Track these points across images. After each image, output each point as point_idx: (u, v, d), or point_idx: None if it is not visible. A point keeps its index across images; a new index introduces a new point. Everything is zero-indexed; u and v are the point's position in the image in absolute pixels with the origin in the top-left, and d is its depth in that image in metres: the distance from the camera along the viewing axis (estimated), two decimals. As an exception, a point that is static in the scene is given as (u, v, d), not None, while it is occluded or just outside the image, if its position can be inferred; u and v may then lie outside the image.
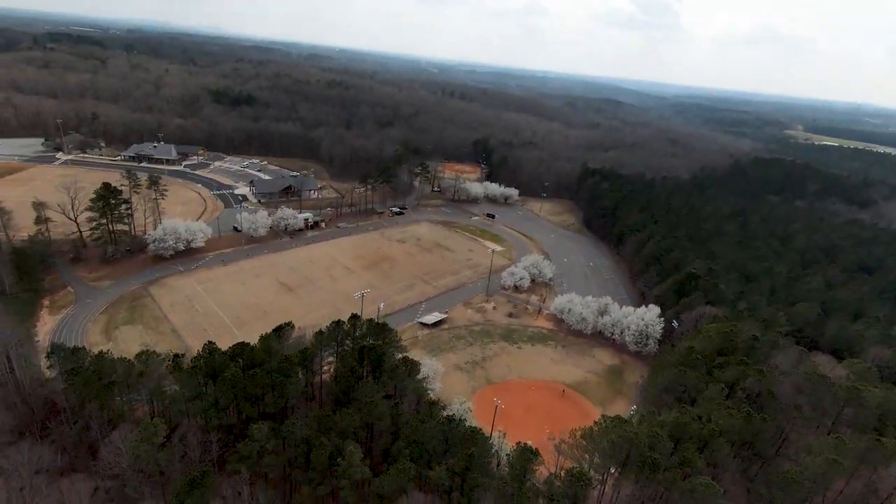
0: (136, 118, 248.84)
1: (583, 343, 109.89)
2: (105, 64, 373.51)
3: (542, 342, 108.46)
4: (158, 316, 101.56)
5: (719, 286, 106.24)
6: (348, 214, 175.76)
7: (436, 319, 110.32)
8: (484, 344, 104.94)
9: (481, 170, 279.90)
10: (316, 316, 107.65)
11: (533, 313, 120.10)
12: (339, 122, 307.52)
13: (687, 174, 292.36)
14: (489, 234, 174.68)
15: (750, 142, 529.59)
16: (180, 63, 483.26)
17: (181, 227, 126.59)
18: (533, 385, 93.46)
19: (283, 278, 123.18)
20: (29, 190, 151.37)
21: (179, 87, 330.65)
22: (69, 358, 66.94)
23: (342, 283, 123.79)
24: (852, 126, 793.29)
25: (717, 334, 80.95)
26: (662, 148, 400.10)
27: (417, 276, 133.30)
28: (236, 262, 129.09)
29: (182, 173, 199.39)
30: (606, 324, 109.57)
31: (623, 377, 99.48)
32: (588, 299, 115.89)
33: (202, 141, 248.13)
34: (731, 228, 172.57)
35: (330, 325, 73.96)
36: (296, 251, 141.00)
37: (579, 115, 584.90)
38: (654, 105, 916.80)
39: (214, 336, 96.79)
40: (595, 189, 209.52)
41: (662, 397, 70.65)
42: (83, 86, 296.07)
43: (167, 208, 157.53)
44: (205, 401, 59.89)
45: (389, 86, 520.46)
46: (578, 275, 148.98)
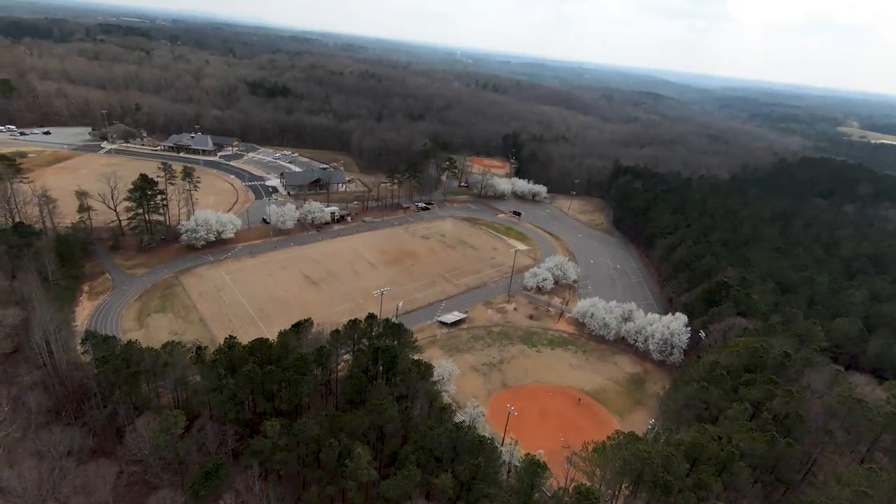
0: (177, 109, 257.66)
1: (604, 349, 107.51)
2: (150, 55, 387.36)
3: (562, 346, 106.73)
4: (188, 305, 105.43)
5: (752, 296, 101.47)
6: (374, 209, 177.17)
7: (455, 319, 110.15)
8: (502, 346, 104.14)
9: (510, 165, 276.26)
10: (336, 311, 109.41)
11: (554, 316, 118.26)
12: (370, 115, 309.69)
13: (727, 173, 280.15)
14: (514, 232, 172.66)
15: (799, 139, 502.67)
16: (220, 54, 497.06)
17: (212, 218, 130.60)
18: (550, 390, 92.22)
19: (307, 271, 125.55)
20: (75, 178, 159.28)
21: (218, 79, 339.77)
22: (100, 346, 70.47)
23: (364, 279, 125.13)
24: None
25: (745, 349, 77.41)
26: (702, 145, 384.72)
27: (439, 274, 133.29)
28: (264, 254, 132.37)
29: (217, 164, 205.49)
30: (630, 330, 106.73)
31: (644, 387, 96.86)
32: (612, 304, 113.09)
33: (237, 132, 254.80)
34: (771, 233, 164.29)
35: (347, 324, 74.88)
36: (321, 244, 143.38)
37: (615, 108, 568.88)
38: (697, 98, 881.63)
39: (239, 327, 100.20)
40: (627, 188, 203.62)
41: (682, 413, 68.22)
42: (129, 77, 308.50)
43: (201, 199, 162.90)
44: (223, 394, 61.83)
45: (422, 77, 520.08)
46: (604, 277, 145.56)
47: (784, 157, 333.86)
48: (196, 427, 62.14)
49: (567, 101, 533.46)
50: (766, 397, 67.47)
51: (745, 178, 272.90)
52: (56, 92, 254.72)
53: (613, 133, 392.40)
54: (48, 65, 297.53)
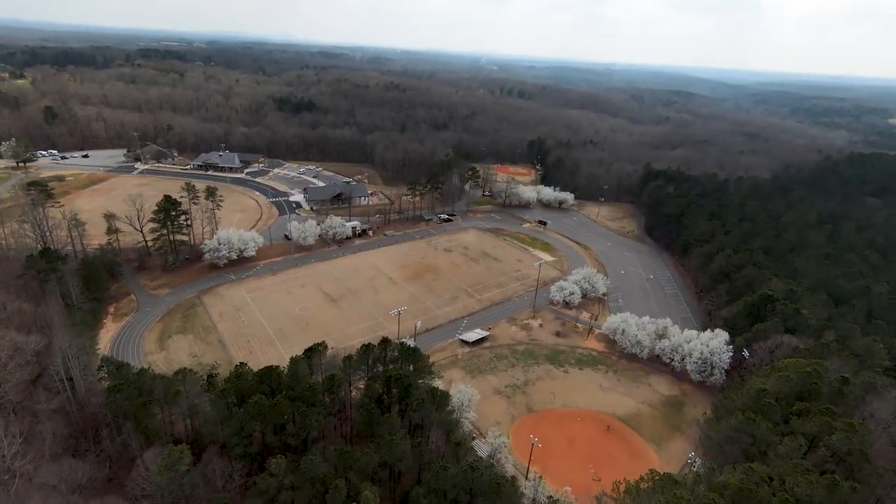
0: (206, 128, 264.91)
1: (637, 369, 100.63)
2: (183, 77, 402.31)
3: (592, 366, 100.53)
4: (208, 326, 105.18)
5: (801, 311, 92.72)
6: (396, 222, 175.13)
7: (477, 337, 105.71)
8: (527, 366, 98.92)
9: (536, 172, 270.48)
10: (355, 330, 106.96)
11: (583, 333, 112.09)
12: (394, 126, 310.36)
13: (767, 174, 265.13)
14: (540, 242, 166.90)
15: (845, 133, 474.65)
16: (251, 72, 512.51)
17: (234, 236, 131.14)
18: (578, 415, 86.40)
19: (327, 289, 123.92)
20: (107, 200, 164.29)
21: (247, 96, 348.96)
22: (114, 373, 69.82)
23: (384, 296, 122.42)
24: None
25: (796, 373, 69.78)
26: (738, 144, 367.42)
27: (461, 289, 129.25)
28: (284, 272, 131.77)
29: (243, 181, 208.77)
30: (665, 348, 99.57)
31: (682, 411, 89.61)
32: (645, 320, 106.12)
33: (264, 148, 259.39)
34: (819, 238, 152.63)
35: (359, 349, 71.82)
36: (342, 260, 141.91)
37: (645, 109, 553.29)
38: (731, 95, 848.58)
39: (257, 349, 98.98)
40: (658, 193, 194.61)
41: (725, 448, 61.51)
42: (163, 98, 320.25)
43: (226, 216, 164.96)
44: (231, 426, 59.62)
45: (447, 86, 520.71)
46: (636, 289, 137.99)
47: (829, 153, 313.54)
48: (205, 460, 60.12)
49: (595, 104, 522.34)
50: (823, 431, 60.03)
51: (787, 179, 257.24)
52: (95, 116, 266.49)
53: (643, 135, 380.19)
54: (89, 90, 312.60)
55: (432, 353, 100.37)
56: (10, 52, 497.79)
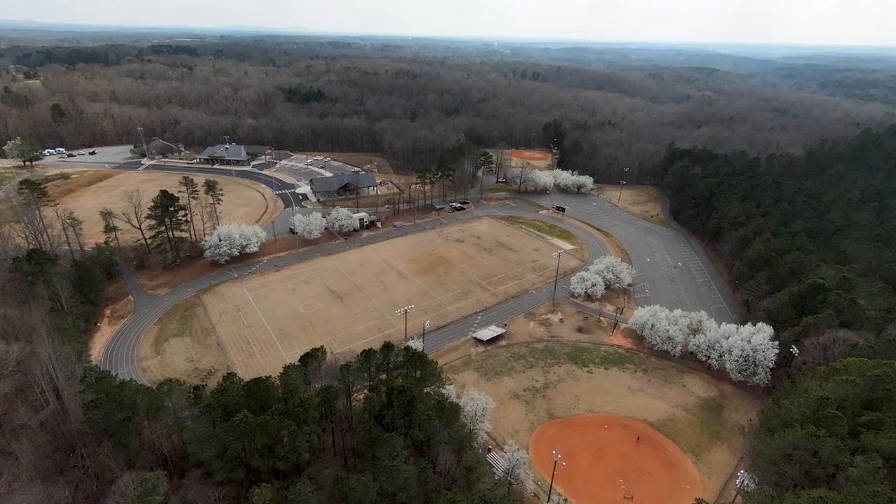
0: (213, 121, 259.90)
1: (669, 368, 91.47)
2: (192, 71, 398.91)
3: (618, 365, 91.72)
4: (207, 327, 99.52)
5: (857, 302, 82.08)
6: (406, 212, 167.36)
7: (492, 335, 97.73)
8: (547, 366, 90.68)
9: (552, 156, 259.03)
10: (361, 329, 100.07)
11: (607, 328, 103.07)
12: (404, 114, 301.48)
13: (801, 150, 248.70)
14: (558, 230, 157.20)
15: (880, 106, 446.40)
16: (260, 64, 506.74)
17: (235, 232, 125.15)
18: (606, 422, 78.07)
19: (332, 285, 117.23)
20: (111, 197, 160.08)
21: (255, 88, 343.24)
22: (93, 386, 64.10)
23: (393, 291, 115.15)
24: None
25: (861, 376, 60.06)
26: (767, 120, 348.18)
27: (475, 282, 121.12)
28: (288, 267, 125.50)
29: (249, 174, 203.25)
30: (700, 344, 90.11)
31: (722, 415, 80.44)
32: (676, 313, 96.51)
33: (272, 140, 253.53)
34: (866, 219, 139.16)
35: (360, 356, 64.59)
36: (349, 254, 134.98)
37: (665, 87, 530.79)
38: (757, 70, 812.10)
39: (257, 351, 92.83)
40: (684, 174, 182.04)
41: (783, 468, 52.61)
42: (171, 93, 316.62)
43: (230, 211, 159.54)
44: (213, 447, 53.16)
45: (458, 71, 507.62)
46: (663, 278, 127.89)
47: (867, 127, 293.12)
48: (186, 485, 53.93)
49: (612, 83, 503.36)
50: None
51: (823, 155, 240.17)
52: (103, 113, 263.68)
53: (664, 114, 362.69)
54: (97, 87, 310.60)
55: (444, 354, 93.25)
56: (26, 53, 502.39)
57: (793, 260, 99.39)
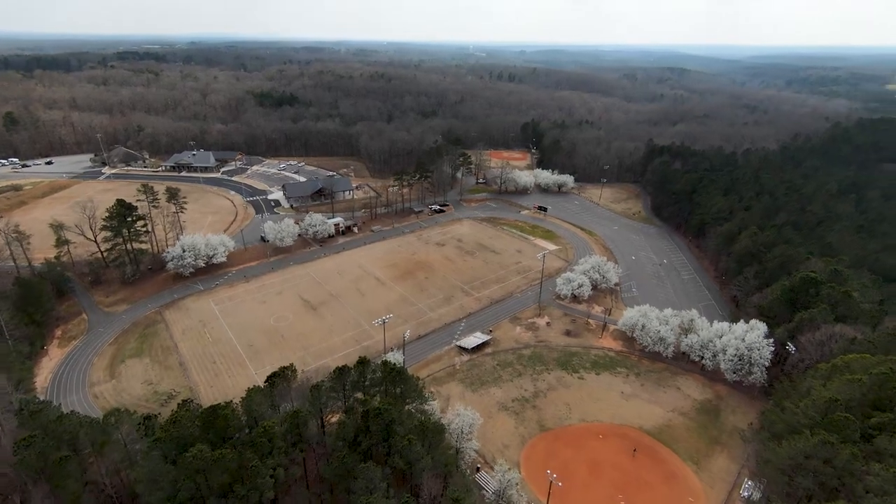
0: (180, 127, 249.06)
1: (662, 370, 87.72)
2: (158, 76, 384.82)
3: (610, 369, 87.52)
4: (168, 346, 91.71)
5: (851, 295, 79.71)
6: (384, 216, 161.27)
7: (477, 342, 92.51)
8: (536, 373, 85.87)
9: (531, 156, 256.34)
10: (337, 341, 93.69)
11: (596, 330, 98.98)
12: (380, 116, 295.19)
13: (775, 144, 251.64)
14: (541, 230, 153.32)
15: (845, 102, 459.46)
16: (231, 69, 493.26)
17: (201, 242, 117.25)
18: (600, 431, 73.50)
19: (306, 294, 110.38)
20: (68, 209, 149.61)
21: (225, 93, 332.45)
22: (27, 421, 56.45)
23: (371, 299, 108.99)
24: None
25: (867, 375, 56.79)
26: (739, 116, 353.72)
27: (457, 287, 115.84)
28: (259, 278, 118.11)
29: (219, 180, 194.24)
30: (693, 345, 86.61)
31: (720, 418, 76.80)
32: (667, 313, 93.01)
33: (242, 145, 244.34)
34: (846, 210, 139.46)
35: (332, 374, 58.52)
36: (324, 261, 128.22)
37: (639, 87, 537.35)
38: (726, 70, 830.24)
39: (223, 369, 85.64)
40: (664, 170, 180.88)
41: (796, 480, 48.59)
42: (135, 99, 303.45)
43: (198, 219, 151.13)
44: (163, 488, 46.38)
45: (434, 74, 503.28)
46: (650, 276, 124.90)
47: (837, 121, 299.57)
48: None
49: (587, 84, 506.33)
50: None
51: (797, 149, 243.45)
52: (62, 121, 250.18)
53: (639, 113, 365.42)
54: (56, 94, 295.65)
55: (426, 365, 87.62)
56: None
57: (781, 254, 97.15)
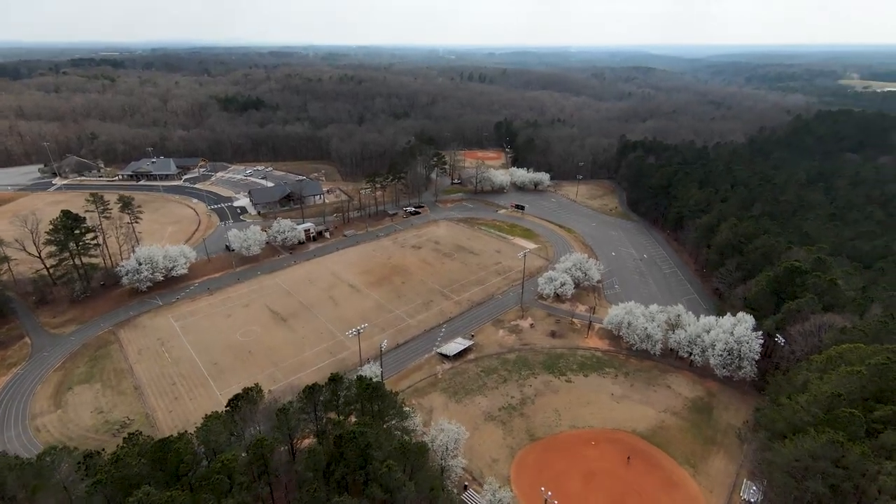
0: (139, 134, 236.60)
1: (651, 368, 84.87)
2: (115, 82, 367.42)
3: (598, 370, 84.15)
4: (122, 369, 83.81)
5: (836, 283, 78.57)
6: (357, 219, 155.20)
7: (459, 348, 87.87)
8: (522, 378, 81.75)
9: (506, 155, 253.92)
10: (310, 355, 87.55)
11: (581, 330, 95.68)
12: (351, 119, 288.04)
13: (742, 137, 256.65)
14: (520, 228, 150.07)
15: (802, 97, 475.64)
16: (194, 75, 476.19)
17: (158, 254, 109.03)
18: (592, 437, 69.77)
19: (275, 306, 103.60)
20: (8, 223, 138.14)
21: (187, 99, 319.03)
22: (-55, 468, 48.71)
23: (346, 308, 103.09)
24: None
25: (865, 367, 54.63)
26: (706, 112, 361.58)
27: (436, 290, 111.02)
28: (223, 290, 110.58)
29: (180, 188, 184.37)
30: (681, 341, 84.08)
31: (713, 417, 74.19)
32: (653, 309, 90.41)
33: (206, 151, 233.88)
34: (817, 199, 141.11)
35: (301, 394, 52.89)
36: (294, 269, 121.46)
37: (608, 86, 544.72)
38: (688, 68, 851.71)
39: (184, 392, 78.47)
40: (639, 165, 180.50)
41: (805, 484, 45.58)
42: (90, 106, 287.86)
43: (157, 230, 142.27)
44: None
45: (405, 76, 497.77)
46: (631, 272, 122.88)
47: (798, 114, 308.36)
48: None
49: (557, 83, 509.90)
50: (929, 445, 44.72)
51: (763, 141, 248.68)
52: (8, 130, 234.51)
53: (610, 111, 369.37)
54: (1, 102, 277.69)
55: (406, 375, 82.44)
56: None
57: (763, 244, 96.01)
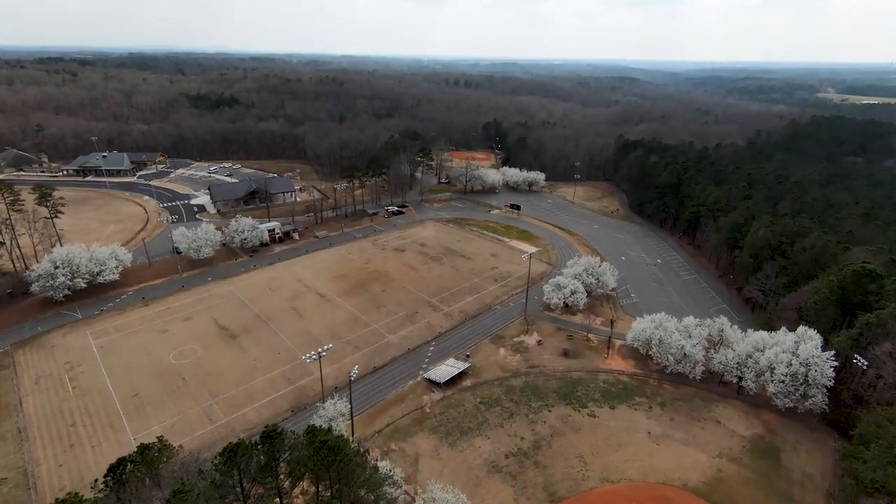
0: (94, 128, 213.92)
1: (691, 397, 68.16)
2: (76, 77, 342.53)
3: (626, 400, 67.02)
4: (7, 403, 63.51)
5: (920, 290, 63.34)
6: (331, 219, 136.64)
7: (452, 373, 69.91)
8: (533, 412, 64.11)
9: (495, 156, 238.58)
10: (261, 382, 68.48)
11: (599, 348, 78.73)
12: (331, 118, 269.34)
13: (740, 140, 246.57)
14: (516, 230, 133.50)
15: (784, 108, 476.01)
16: (165, 73, 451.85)
17: (81, 256, 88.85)
18: (633, 497, 52.32)
19: (225, 319, 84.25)
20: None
21: (155, 95, 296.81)
22: None
23: (312, 321, 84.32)
24: (887, 84, 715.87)
25: None
26: (696, 118, 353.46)
27: (422, 300, 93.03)
28: (163, 299, 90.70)
29: (132, 185, 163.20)
30: (728, 362, 67.71)
31: (781, 463, 57.52)
32: (688, 322, 74.00)
33: (169, 148, 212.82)
34: (842, 198, 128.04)
35: (217, 461, 34.32)
36: (253, 275, 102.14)
37: (594, 93, 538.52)
38: (669, 81, 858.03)
39: (86, 436, 58.61)
40: (642, 164, 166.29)
41: None
42: (43, 99, 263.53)
43: (95, 228, 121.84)
44: None
45: (390, 80, 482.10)
46: (646, 278, 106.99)
47: (793, 119, 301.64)
48: None
49: (544, 90, 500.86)
50: None
51: (762, 144, 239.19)
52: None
53: (599, 115, 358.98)
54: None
55: (384, 410, 63.95)
56: None
57: (813, 244, 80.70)
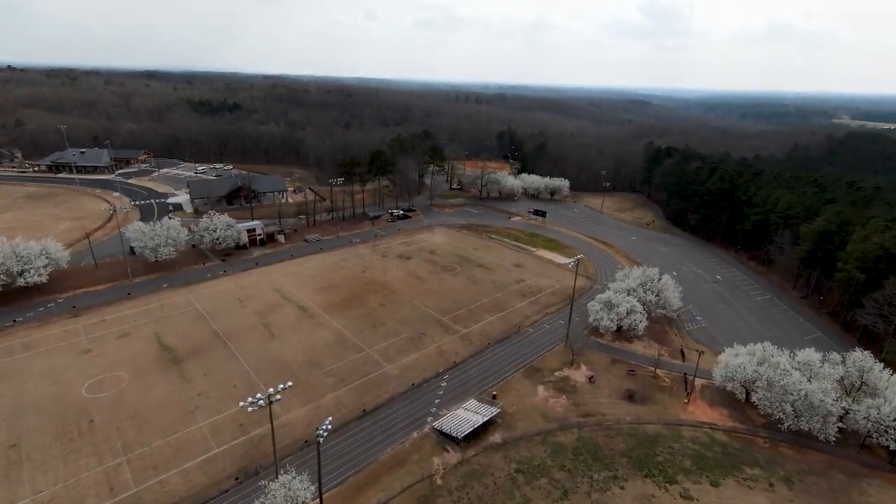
0: (79, 125, 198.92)
1: (826, 467, 46.60)
2: (76, 80, 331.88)
3: (733, 472, 45.50)
4: None
5: None
6: (327, 222, 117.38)
7: (474, 424, 48.88)
8: (597, 489, 42.77)
9: (511, 166, 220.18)
10: (201, 429, 47.66)
11: (674, 388, 57.50)
12: (336, 125, 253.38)
13: (778, 153, 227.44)
14: (542, 238, 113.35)
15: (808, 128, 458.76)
16: (169, 81, 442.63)
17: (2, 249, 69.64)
18: None
19: (171, 337, 63.98)
20: None
21: (154, 98, 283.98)
22: None
23: (285, 342, 63.86)
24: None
25: None
26: (715, 137, 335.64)
27: (431, 318, 72.48)
28: (98, 309, 70.78)
29: (107, 183, 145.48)
30: (880, 419, 46.35)
31: None
32: (809, 357, 52.72)
33: (159, 147, 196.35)
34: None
35: None
36: (221, 282, 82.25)
37: (607, 113, 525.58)
38: (680, 106, 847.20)
39: None
40: (681, 170, 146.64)
41: None
42: (35, 98, 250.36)
43: (48, 225, 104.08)
44: None
45: (399, 94, 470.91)
46: (711, 298, 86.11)
47: (829, 133, 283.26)
48: None
49: (556, 107, 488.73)
50: None
51: (803, 157, 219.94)
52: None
53: (614, 132, 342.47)
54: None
55: (373, 481, 42.74)
56: None
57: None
